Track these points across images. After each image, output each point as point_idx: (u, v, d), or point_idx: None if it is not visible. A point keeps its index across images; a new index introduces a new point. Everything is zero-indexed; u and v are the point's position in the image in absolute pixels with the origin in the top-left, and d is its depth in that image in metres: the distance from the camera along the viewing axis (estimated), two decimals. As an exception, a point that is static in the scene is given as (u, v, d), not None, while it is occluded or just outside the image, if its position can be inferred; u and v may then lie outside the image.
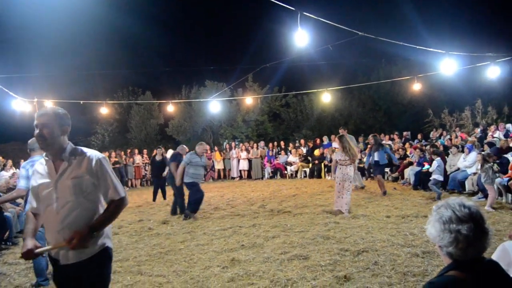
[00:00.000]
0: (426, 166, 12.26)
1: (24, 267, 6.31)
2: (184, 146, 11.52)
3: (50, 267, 5.69)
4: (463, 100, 20.20)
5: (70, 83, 24.89)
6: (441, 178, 10.77)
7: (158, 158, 13.21)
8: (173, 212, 10.41)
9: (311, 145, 20.18)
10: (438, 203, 1.97)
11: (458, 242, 1.79)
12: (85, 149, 2.97)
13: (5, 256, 7.28)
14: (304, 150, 19.88)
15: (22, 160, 15.43)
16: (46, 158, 2.93)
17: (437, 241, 1.88)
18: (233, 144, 21.52)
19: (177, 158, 10.59)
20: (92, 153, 2.93)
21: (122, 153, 20.21)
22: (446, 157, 12.48)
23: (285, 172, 19.37)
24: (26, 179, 5.08)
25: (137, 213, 10.95)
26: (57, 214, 2.79)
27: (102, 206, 2.97)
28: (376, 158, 11.84)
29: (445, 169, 11.98)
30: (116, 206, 2.94)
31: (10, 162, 15.04)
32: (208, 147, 18.19)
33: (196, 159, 9.69)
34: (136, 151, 20.63)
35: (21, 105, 15.71)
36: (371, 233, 6.96)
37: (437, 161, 10.89)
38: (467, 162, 11.41)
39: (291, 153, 19.79)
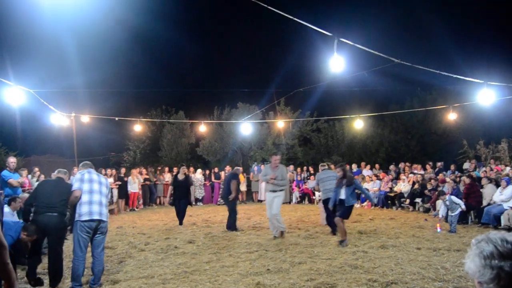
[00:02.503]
0: (438, 229, 10.35)
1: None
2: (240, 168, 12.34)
3: (87, 277, 5.79)
4: (500, 131, 19.65)
5: (106, 99, 25.71)
6: (463, 206, 10.34)
7: (180, 177, 12.35)
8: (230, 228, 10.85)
9: (341, 171, 19.89)
10: (478, 236, 1.88)
11: (500, 279, 1.70)
12: None
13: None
14: (333, 176, 19.60)
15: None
16: None
17: (477, 276, 1.79)
18: (262, 166, 21.45)
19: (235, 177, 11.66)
20: None
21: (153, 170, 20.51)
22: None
23: (313, 197, 19.13)
24: (80, 181, 5.74)
25: (164, 231, 11.00)
26: None
27: None
28: (342, 196, 8.96)
29: (480, 201, 11.61)
30: None
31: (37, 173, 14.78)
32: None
33: None
34: (166, 169, 20.86)
35: (59, 119, 16.31)
36: (400, 265, 6.74)
37: (447, 200, 10.42)
38: (503, 196, 10.97)
39: (320, 179, 19.51)
